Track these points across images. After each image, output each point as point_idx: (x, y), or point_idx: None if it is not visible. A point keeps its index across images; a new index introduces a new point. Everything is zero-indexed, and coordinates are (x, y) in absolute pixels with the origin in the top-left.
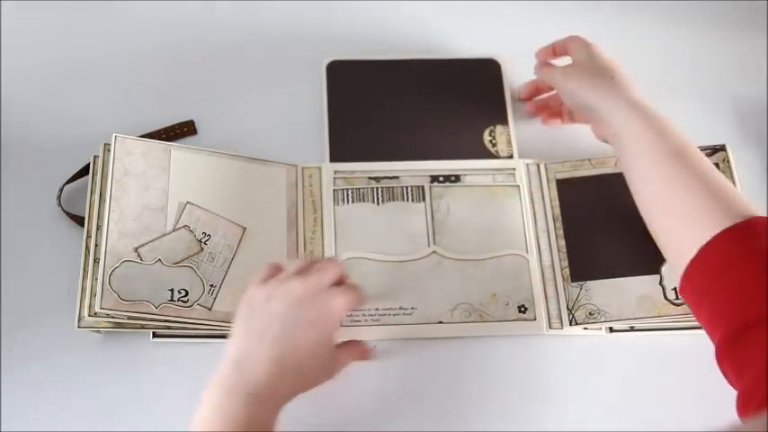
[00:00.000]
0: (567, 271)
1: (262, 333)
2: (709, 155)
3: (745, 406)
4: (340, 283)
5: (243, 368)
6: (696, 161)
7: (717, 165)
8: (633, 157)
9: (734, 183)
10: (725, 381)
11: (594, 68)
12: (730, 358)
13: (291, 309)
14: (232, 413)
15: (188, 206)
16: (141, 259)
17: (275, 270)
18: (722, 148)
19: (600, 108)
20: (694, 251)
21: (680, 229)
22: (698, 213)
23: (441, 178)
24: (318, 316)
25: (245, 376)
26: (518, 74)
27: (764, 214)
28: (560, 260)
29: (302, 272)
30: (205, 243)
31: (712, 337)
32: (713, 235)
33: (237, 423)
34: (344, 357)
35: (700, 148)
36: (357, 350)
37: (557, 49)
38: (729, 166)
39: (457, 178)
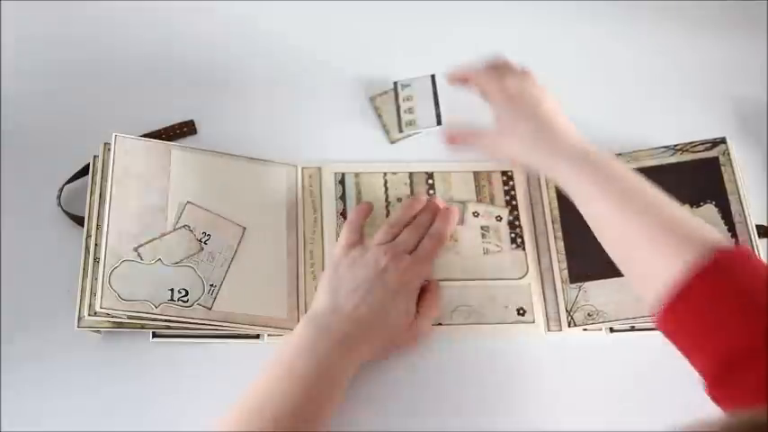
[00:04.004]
0: (566, 273)
1: (351, 293)
2: (708, 148)
3: None
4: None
5: (335, 318)
6: (649, 198)
7: (717, 158)
8: (586, 208)
9: (734, 175)
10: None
11: (523, 128)
12: (723, 392)
13: (377, 278)
14: (323, 351)
15: (188, 206)
16: (141, 259)
17: (356, 235)
18: (722, 141)
19: (540, 168)
20: (664, 288)
21: (647, 269)
22: (663, 251)
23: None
24: (401, 284)
25: (336, 326)
26: None
27: (719, 236)
28: (559, 262)
29: (384, 240)
30: (205, 243)
31: (694, 366)
32: (682, 271)
33: (324, 361)
34: (421, 326)
35: (699, 142)
36: (435, 313)
37: (470, 80)
38: (730, 159)
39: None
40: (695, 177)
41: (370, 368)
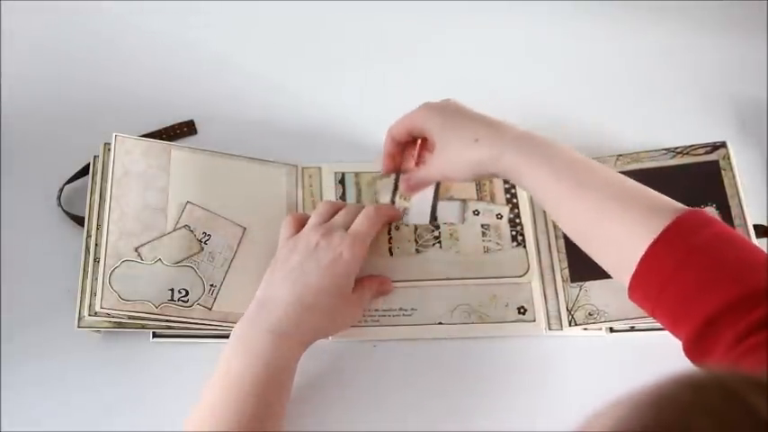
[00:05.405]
0: (567, 272)
1: (283, 279)
2: (708, 152)
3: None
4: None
5: (265, 308)
6: (603, 174)
7: (717, 162)
8: (542, 194)
9: (734, 179)
10: None
11: (461, 131)
12: (700, 352)
13: (309, 257)
14: (255, 345)
15: (188, 206)
16: (141, 259)
17: (298, 224)
18: (722, 145)
19: (489, 166)
20: (634, 265)
21: (613, 249)
22: (626, 229)
23: None
24: (333, 259)
25: (267, 315)
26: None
27: (680, 205)
28: (560, 261)
29: (319, 224)
30: (205, 243)
31: (678, 337)
32: (648, 244)
33: (259, 355)
34: (362, 298)
35: (700, 145)
36: (374, 286)
37: (412, 132)
38: (730, 163)
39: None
40: (696, 180)
41: (368, 366)
